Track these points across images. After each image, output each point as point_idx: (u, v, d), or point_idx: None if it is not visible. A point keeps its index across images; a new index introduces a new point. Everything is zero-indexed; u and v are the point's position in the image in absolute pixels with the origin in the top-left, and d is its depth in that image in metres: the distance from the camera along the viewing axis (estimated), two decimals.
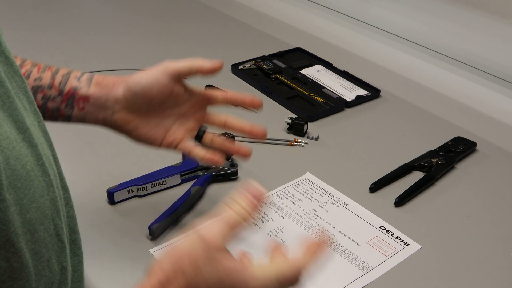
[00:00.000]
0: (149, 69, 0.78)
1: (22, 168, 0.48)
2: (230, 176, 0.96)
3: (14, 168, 0.46)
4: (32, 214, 0.48)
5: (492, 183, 1.00)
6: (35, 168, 0.50)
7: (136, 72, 0.77)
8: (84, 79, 0.76)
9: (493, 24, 1.25)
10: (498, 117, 1.19)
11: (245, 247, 0.84)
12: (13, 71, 0.52)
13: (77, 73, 0.76)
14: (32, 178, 0.49)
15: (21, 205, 0.47)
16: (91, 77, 0.76)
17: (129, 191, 0.92)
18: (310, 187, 0.97)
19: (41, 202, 0.50)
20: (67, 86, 0.75)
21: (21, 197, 0.47)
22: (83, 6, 1.70)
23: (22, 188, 0.47)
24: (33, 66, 0.74)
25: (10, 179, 0.45)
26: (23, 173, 0.47)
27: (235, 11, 1.66)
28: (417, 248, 0.85)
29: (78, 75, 0.76)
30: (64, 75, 0.75)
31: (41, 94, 0.74)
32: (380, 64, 1.38)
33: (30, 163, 0.49)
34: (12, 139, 0.47)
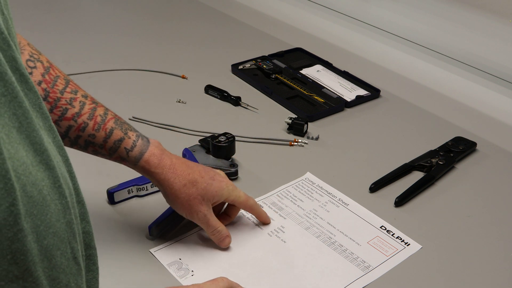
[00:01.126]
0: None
1: (39, 194, 0.46)
2: (230, 176, 0.96)
3: (30, 195, 0.45)
4: (49, 240, 0.47)
5: (492, 183, 1.00)
6: (51, 192, 0.48)
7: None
8: (132, 156, 0.79)
9: (493, 24, 1.25)
10: (498, 117, 1.19)
11: (245, 247, 0.84)
12: (27, 88, 0.50)
13: (128, 142, 0.78)
14: (49, 202, 0.48)
15: (38, 232, 0.46)
16: (139, 157, 0.79)
17: (129, 191, 0.92)
18: (310, 187, 0.97)
19: (57, 226, 0.49)
20: (116, 154, 0.79)
21: (38, 224, 0.46)
22: (83, 6, 1.70)
23: (38, 215, 0.46)
24: (90, 118, 0.77)
25: (27, 207, 0.44)
26: (39, 199, 0.46)
27: (235, 11, 1.66)
28: (417, 248, 0.85)
29: (129, 145, 0.78)
30: (115, 141, 0.78)
31: (92, 148, 0.79)
32: (380, 64, 1.38)
33: (46, 187, 0.48)
34: (28, 163, 0.46)
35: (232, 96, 1.20)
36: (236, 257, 0.82)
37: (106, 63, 1.34)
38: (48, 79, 0.75)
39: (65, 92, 0.76)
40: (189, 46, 1.46)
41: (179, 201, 0.80)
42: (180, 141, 1.05)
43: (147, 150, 0.79)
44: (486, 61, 1.27)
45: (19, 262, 0.43)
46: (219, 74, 1.32)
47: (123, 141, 0.78)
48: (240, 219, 0.89)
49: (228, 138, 0.98)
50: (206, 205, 0.81)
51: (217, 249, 0.83)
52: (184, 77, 1.30)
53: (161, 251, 0.82)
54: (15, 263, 0.43)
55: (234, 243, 0.84)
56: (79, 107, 0.77)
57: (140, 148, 0.79)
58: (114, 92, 1.22)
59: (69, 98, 0.76)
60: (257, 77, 1.30)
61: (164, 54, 1.42)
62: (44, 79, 0.74)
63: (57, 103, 0.75)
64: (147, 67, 1.33)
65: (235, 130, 1.06)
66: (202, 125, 1.11)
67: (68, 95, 0.76)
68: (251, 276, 0.79)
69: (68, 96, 0.76)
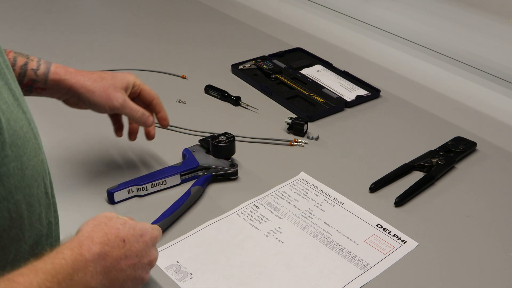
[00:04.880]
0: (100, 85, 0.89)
1: (20, 129, 0.55)
2: (230, 176, 0.96)
3: (14, 129, 0.53)
4: (29, 171, 0.56)
5: (492, 183, 1.00)
6: (28, 131, 0.57)
7: (88, 83, 0.88)
8: (40, 73, 0.86)
9: (493, 24, 1.25)
10: (498, 117, 1.18)
11: (242, 249, 0.84)
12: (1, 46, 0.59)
13: (33, 64, 0.85)
14: (28, 139, 0.57)
15: (21, 161, 0.54)
16: (47, 72, 0.86)
17: (129, 191, 0.92)
18: (305, 186, 0.97)
19: (35, 161, 0.58)
20: (26, 78, 0.85)
21: (21, 155, 0.54)
22: (83, 6, 1.70)
23: (22, 147, 0.54)
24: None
25: (12, 138, 0.52)
26: (21, 134, 0.55)
27: (235, 11, 1.66)
28: (414, 246, 0.85)
29: (34, 66, 0.85)
30: (21, 66, 0.84)
31: None
32: (380, 64, 1.38)
33: (25, 126, 0.56)
34: (10, 104, 0.54)
35: (232, 96, 1.20)
36: (234, 258, 0.82)
37: (106, 63, 1.33)
38: None
39: None
40: (189, 46, 1.46)
41: (96, 95, 0.87)
42: (180, 141, 1.05)
43: (51, 65, 0.87)
44: (486, 61, 1.27)
45: (5, 184, 0.52)
46: (219, 74, 1.32)
47: (28, 63, 0.85)
48: (235, 221, 0.89)
49: (228, 138, 0.98)
50: (120, 92, 0.89)
51: (215, 251, 0.83)
52: (184, 77, 1.30)
53: (161, 252, 0.82)
54: (2, 185, 0.52)
55: (232, 244, 0.84)
56: None
57: (45, 65, 0.86)
58: None
59: None
60: (257, 77, 1.30)
61: (164, 54, 1.42)
62: None
63: None
64: (147, 67, 1.33)
65: (235, 130, 1.06)
66: (202, 125, 1.11)
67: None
68: (250, 277, 0.79)
69: None
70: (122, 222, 0.64)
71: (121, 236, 0.63)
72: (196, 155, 0.98)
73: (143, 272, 0.66)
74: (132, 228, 0.65)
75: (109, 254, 0.60)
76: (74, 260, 0.56)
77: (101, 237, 0.60)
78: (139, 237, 0.65)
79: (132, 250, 0.63)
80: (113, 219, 0.64)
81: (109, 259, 0.60)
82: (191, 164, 0.96)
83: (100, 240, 0.60)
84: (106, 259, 0.60)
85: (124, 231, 0.64)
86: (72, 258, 0.56)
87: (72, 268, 0.56)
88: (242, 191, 0.95)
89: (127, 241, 0.63)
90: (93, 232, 0.61)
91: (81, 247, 0.58)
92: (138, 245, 0.64)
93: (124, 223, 0.64)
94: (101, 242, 0.60)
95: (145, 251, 0.65)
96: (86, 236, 0.60)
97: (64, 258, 0.56)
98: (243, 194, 0.94)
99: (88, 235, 0.60)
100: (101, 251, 0.59)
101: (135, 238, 0.64)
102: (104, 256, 0.60)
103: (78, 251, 0.57)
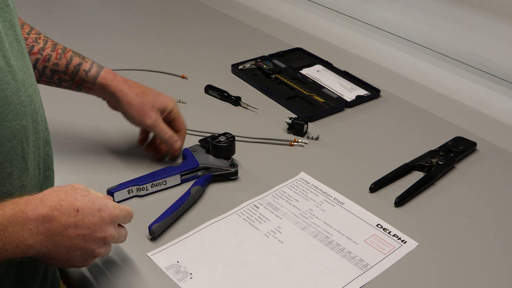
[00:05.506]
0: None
1: (2, 91, 0.60)
2: (230, 176, 0.96)
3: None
4: (3, 131, 0.61)
5: (492, 183, 1.00)
6: (13, 96, 0.61)
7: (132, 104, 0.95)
8: (91, 75, 0.94)
9: (493, 24, 1.25)
10: (498, 117, 1.19)
11: (242, 249, 0.84)
12: (15, 22, 0.64)
13: (86, 65, 0.94)
14: (9, 102, 0.61)
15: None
16: (97, 75, 0.94)
17: (129, 191, 0.92)
18: (305, 186, 0.97)
19: (12, 124, 0.62)
20: (77, 76, 0.93)
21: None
22: (83, 6, 1.70)
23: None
24: (52, 50, 0.92)
25: None
26: (2, 96, 0.59)
27: (235, 11, 1.66)
28: (414, 246, 0.85)
29: (87, 67, 0.93)
30: (75, 65, 0.93)
31: (57, 76, 0.93)
32: (380, 64, 1.38)
33: (9, 90, 0.61)
34: (0, 67, 0.59)
35: (232, 96, 1.20)
36: (234, 258, 0.82)
37: (106, 63, 1.32)
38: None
39: (31, 33, 0.91)
40: (189, 46, 1.46)
41: (133, 107, 0.93)
42: None
43: (102, 69, 0.94)
44: (486, 61, 1.27)
45: None
46: (219, 74, 1.32)
47: (82, 64, 0.93)
48: (235, 221, 0.89)
49: (228, 138, 0.98)
50: (156, 112, 0.95)
51: (215, 251, 0.83)
52: (184, 77, 1.30)
53: (158, 255, 0.82)
54: None
55: (232, 244, 0.84)
56: (43, 43, 0.92)
57: (96, 69, 0.94)
58: None
59: (34, 37, 0.91)
60: (257, 77, 1.30)
61: (164, 54, 1.42)
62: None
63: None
64: (147, 67, 1.33)
65: (235, 130, 1.06)
66: (202, 125, 1.11)
67: (33, 36, 0.91)
68: (250, 278, 0.79)
69: (33, 36, 0.91)
70: (84, 194, 0.67)
71: (76, 205, 0.65)
72: (196, 155, 0.98)
73: (95, 246, 0.68)
74: (92, 201, 0.67)
75: (56, 219, 0.63)
76: (13, 214, 0.60)
77: (53, 201, 0.63)
78: (96, 211, 0.67)
79: (84, 221, 0.66)
80: (77, 190, 0.67)
81: (56, 223, 0.63)
82: (191, 164, 0.96)
83: (51, 204, 0.63)
84: (52, 222, 0.63)
85: (82, 202, 0.66)
86: (12, 212, 0.60)
87: (8, 221, 0.59)
88: (242, 191, 0.95)
89: (81, 212, 0.65)
90: (48, 195, 0.64)
91: (26, 205, 0.61)
92: (93, 218, 0.66)
93: (85, 195, 0.67)
94: (51, 206, 0.63)
95: (100, 225, 0.67)
96: (39, 197, 0.63)
97: (3, 209, 0.60)
98: (243, 194, 0.94)
99: (41, 197, 0.64)
100: (48, 214, 0.62)
101: (91, 211, 0.67)
102: (49, 219, 0.62)
103: (21, 208, 0.61)
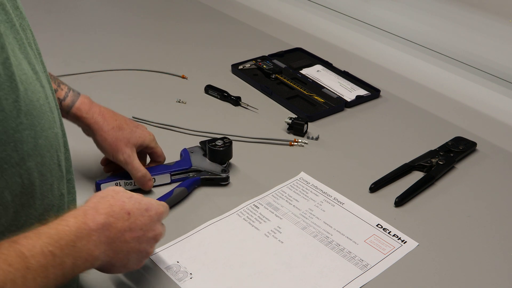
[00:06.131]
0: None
1: (37, 101, 0.57)
2: (220, 181, 0.95)
3: (31, 99, 0.55)
4: (42, 141, 0.57)
5: (492, 183, 1.00)
6: (44, 104, 0.59)
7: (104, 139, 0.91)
8: (65, 105, 0.89)
9: (493, 24, 1.25)
10: (498, 117, 1.18)
11: (242, 249, 0.84)
12: (26, 24, 0.61)
13: (61, 93, 0.88)
14: (44, 111, 0.58)
15: (35, 131, 0.56)
16: (71, 105, 0.89)
17: (116, 184, 0.92)
18: (305, 186, 0.97)
19: (49, 133, 0.59)
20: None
21: (35, 124, 0.56)
22: (83, 6, 1.70)
23: (37, 117, 0.56)
24: None
25: (28, 107, 0.54)
26: (37, 105, 0.57)
27: (235, 11, 1.66)
28: (414, 246, 0.85)
29: (61, 96, 0.88)
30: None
31: None
32: (380, 64, 1.38)
33: (42, 99, 0.58)
34: (29, 75, 0.56)
35: (232, 96, 1.20)
36: (234, 258, 0.82)
37: (106, 63, 1.34)
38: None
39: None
40: (189, 46, 1.46)
41: (107, 142, 0.89)
42: (180, 141, 1.05)
43: (77, 99, 0.89)
44: (486, 61, 1.27)
45: (19, 150, 0.54)
46: (219, 74, 1.32)
47: (57, 92, 0.88)
48: (235, 221, 0.89)
49: (225, 142, 0.97)
50: (131, 148, 0.91)
51: (215, 251, 0.83)
52: (184, 77, 1.30)
53: (158, 254, 0.82)
54: (15, 150, 0.53)
55: (231, 244, 0.84)
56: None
57: (71, 98, 0.89)
58: (114, 92, 1.22)
59: None
60: (257, 77, 1.30)
61: (164, 54, 1.42)
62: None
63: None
64: (147, 67, 1.33)
65: (235, 130, 1.06)
66: (202, 125, 1.11)
67: None
68: (250, 278, 0.79)
69: None
70: (129, 196, 0.66)
71: (127, 208, 0.65)
72: (193, 156, 0.98)
73: (148, 246, 0.68)
74: (138, 202, 0.67)
75: (113, 225, 0.62)
76: (77, 228, 0.58)
77: (106, 208, 0.63)
78: (144, 211, 0.67)
79: (136, 223, 0.65)
80: (120, 193, 0.66)
81: (113, 230, 0.62)
82: (184, 165, 0.96)
83: (105, 211, 0.62)
84: (110, 229, 0.62)
85: (130, 204, 0.66)
86: (76, 225, 0.58)
87: (75, 235, 0.57)
88: (242, 191, 0.95)
89: (132, 214, 0.65)
90: (98, 203, 0.63)
91: (86, 216, 0.60)
92: (143, 218, 0.66)
93: (130, 197, 0.66)
94: (106, 213, 0.62)
95: (150, 225, 0.67)
96: (91, 206, 0.62)
97: (68, 225, 0.57)
98: (243, 194, 0.94)
99: (94, 206, 0.62)
100: (106, 222, 0.61)
101: (140, 211, 0.66)
102: (108, 227, 0.61)
103: (82, 220, 0.59)
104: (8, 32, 0.56)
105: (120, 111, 1.00)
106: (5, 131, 0.52)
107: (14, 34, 0.57)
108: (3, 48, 0.52)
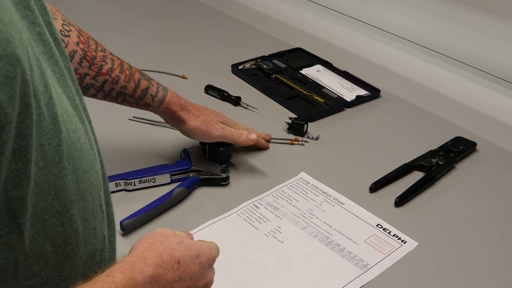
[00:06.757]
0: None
1: (78, 140, 0.53)
2: (220, 181, 0.96)
3: (72, 140, 0.52)
4: (84, 184, 0.54)
5: (492, 183, 1.00)
6: (85, 142, 0.55)
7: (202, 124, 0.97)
8: (157, 100, 0.94)
9: (493, 24, 1.25)
10: (498, 117, 1.18)
11: (242, 249, 0.84)
12: (60, 52, 0.56)
13: (153, 89, 0.94)
14: (85, 150, 0.55)
15: (77, 174, 0.52)
16: (162, 100, 0.95)
17: (116, 185, 0.92)
18: (305, 187, 0.97)
19: (90, 173, 0.55)
20: (142, 101, 0.94)
21: (77, 167, 0.52)
22: (83, 6, 1.70)
23: (78, 159, 0.52)
24: (121, 72, 0.91)
25: (70, 150, 0.51)
26: (78, 145, 0.53)
27: (235, 11, 1.66)
28: (414, 246, 0.85)
29: (153, 92, 0.94)
30: (143, 90, 0.93)
31: (122, 97, 0.93)
32: (380, 64, 1.38)
33: (82, 137, 0.55)
34: (70, 113, 0.53)
35: (232, 96, 1.20)
36: (234, 258, 0.82)
37: None
38: (83, 39, 0.89)
39: (98, 51, 0.89)
40: (189, 46, 1.46)
41: (198, 127, 0.95)
42: (180, 141, 1.05)
43: (167, 93, 0.95)
44: (486, 61, 1.27)
45: (60, 198, 0.50)
46: (219, 74, 1.32)
47: (149, 89, 0.93)
48: (235, 221, 0.89)
49: (225, 142, 0.97)
50: (221, 124, 0.97)
51: None
52: (184, 77, 1.30)
53: None
54: (57, 198, 0.49)
55: (232, 244, 0.84)
56: (111, 63, 0.90)
57: (162, 93, 0.95)
58: None
59: (102, 55, 0.90)
60: (257, 77, 1.30)
61: (164, 54, 1.42)
62: (80, 40, 0.88)
63: (93, 61, 0.88)
64: (147, 67, 1.33)
65: None
66: None
67: (100, 53, 0.90)
68: (250, 278, 0.79)
69: (100, 54, 0.90)
70: (178, 241, 0.61)
71: (176, 257, 0.60)
72: (193, 156, 0.98)
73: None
74: (189, 248, 0.62)
75: (162, 277, 0.57)
76: (124, 284, 0.54)
77: (154, 258, 0.58)
78: (195, 258, 0.62)
79: (187, 272, 0.60)
80: (169, 237, 0.61)
81: (162, 282, 0.57)
82: (184, 165, 0.96)
83: (154, 261, 0.57)
84: (159, 282, 0.57)
85: (180, 251, 0.60)
86: (123, 282, 0.53)
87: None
88: (242, 191, 0.95)
89: (182, 263, 0.60)
90: (147, 251, 0.58)
91: (133, 270, 0.55)
92: (194, 266, 0.61)
93: (180, 242, 0.61)
94: (154, 263, 0.57)
95: (201, 273, 0.62)
96: (140, 256, 0.57)
97: (114, 282, 0.53)
98: (243, 194, 0.94)
99: (142, 255, 0.57)
100: (154, 274, 0.56)
101: (191, 259, 0.61)
102: (157, 279, 0.57)
103: (130, 274, 0.54)
104: (47, 65, 0.52)
105: (120, 111, 1.00)
106: (46, 179, 0.48)
107: (52, 66, 0.53)
108: (47, 87, 0.47)
